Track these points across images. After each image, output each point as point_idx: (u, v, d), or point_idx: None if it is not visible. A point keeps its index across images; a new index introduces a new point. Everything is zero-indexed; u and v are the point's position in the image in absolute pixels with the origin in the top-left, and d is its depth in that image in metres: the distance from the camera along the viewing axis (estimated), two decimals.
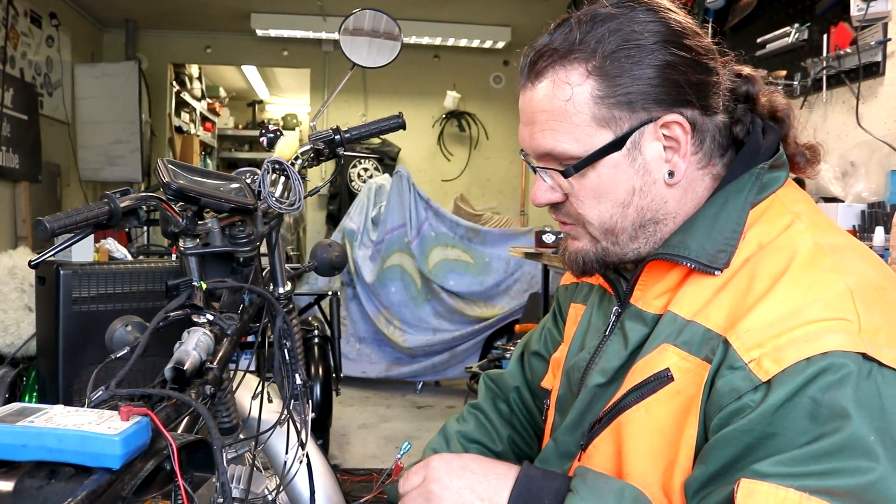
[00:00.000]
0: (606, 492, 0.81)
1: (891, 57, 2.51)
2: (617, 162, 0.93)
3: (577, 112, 0.92)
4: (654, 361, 0.90)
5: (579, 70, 0.92)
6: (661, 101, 0.91)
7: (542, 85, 0.95)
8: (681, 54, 0.91)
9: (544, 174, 0.98)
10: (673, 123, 0.92)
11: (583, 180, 0.95)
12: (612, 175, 0.93)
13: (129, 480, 0.81)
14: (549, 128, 0.94)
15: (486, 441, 1.26)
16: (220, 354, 1.23)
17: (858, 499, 0.70)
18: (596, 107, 0.91)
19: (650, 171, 0.94)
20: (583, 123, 0.92)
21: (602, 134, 0.92)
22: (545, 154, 0.96)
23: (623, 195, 0.94)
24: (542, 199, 1.00)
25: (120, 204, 1.15)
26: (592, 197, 0.95)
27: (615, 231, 0.97)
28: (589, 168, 0.93)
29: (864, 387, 0.74)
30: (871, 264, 0.87)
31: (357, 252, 5.07)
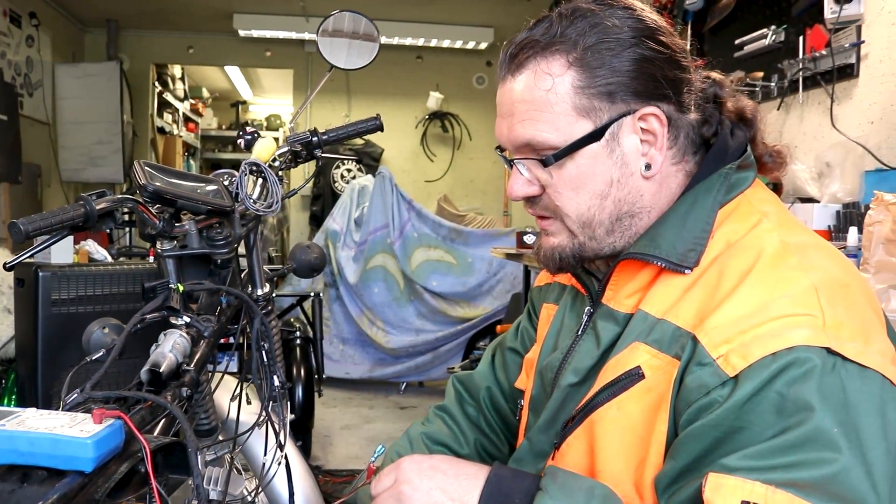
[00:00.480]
0: (576, 490, 0.82)
1: (864, 59, 2.53)
2: (596, 153, 0.94)
3: (558, 102, 0.93)
4: (625, 359, 0.91)
5: (560, 61, 0.93)
6: (639, 93, 0.94)
7: (522, 76, 0.96)
8: (657, 49, 0.94)
9: (522, 166, 0.99)
10: (650, 116, 0.94)
11: (561, 171, 0.95)
12: (590, 166, 0.94)
13: (103, 483, 0.81)
14: (528, 118, 0.95)
15: (451, 443, 1.26)
16: (197, 356, 1.23)
17: (822, 490, 0.71)
18: (577, 97, 0.93)
19: (627, 162, 0.95)
20: (563, 113, 0.93)
21: (582, 124, 0.93)
22: (524, 145, 0.96)
23: (601, 186, 0.95)
24: (519, 192, 1.00)
25: (96, 206, 1.15)
26: (571, 188, 0.96)
27: (592, 224, 0.97)
28: (568, 158, 0.94)
29: (828, 380, 0.76)
30: (836, 262, 0.89)
31: (340, 253, 5.07)
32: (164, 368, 1.12)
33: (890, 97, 2.41)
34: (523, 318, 1.31)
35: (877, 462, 0.74)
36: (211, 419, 1.51)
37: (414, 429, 1.29)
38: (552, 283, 1.23)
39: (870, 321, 0.84)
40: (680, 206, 0.96)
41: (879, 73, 2.46)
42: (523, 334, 1.29)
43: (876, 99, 2.48)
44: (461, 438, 1.26)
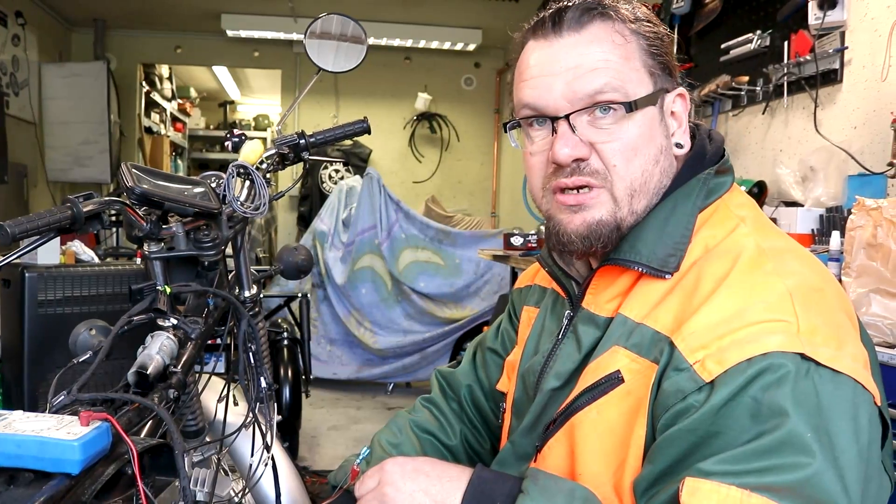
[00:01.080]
0: (556, 492, 0.83)
1: (848, 65, 2.56)
2: (654, 115, 0.97)
3: (632, 56, 0.96)
4: (605, 363, 0.92)
5: (627, 26, 0.96)
6: (671, 75, 0.99)
7: (591, 29, 0.96)
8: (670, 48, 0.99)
9: (575, 123, 0.95)
10: (679, 97, 1.00)
11: (622, 129, 0.94)
12: (649, 127, 0.96)
13: (89, 485, 0.82)
14: (603, 66, 0.93)
15: (438, 433, 1.26)
16: (184, 358, 1.24)
17: (797, 493, 0.73)
18: (645, 56, 0.96)
19: (669, 136, 0.99)
20: (635, 69, 0.95)
21: (646, 83, 0.96)
22: (591, 94, 0.94)
23: (654, 151, 0.96)
24: (572, 151, 0.94)
25: (83, 208, 1.15)
26: (630, 148, 0.95)
27: (640, 192, 0.96)
28: (629, 117, 0.94)
29: (802, 386, 0.77)
30: (811, 267, 0.90)
31: (328, 254, 5.07)
32: (151, 370, 1.12)
33: (873, 103, 2.43)
34: (504, 318, 1.31)
35: (848, 465, 0.76)
36: (198, 420, 1.51)
37: (401, 417, 1.29)
38: (533, 286, 1.24)
39: (843, 326, 0.86)
40: (660, 211, 0.97)
41: (863, 78, 2.49)
42: (503, 335, 1.29)
43: (859, 104, 2.51)
44: (448, 430, 1.27)
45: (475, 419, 1.29)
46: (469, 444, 1.28)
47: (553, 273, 1.10)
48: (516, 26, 1.03)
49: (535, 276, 1.25)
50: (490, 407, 1.28)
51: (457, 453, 1.26)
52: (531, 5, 5.05)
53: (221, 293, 1.39)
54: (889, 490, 0.92)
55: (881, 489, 0.89)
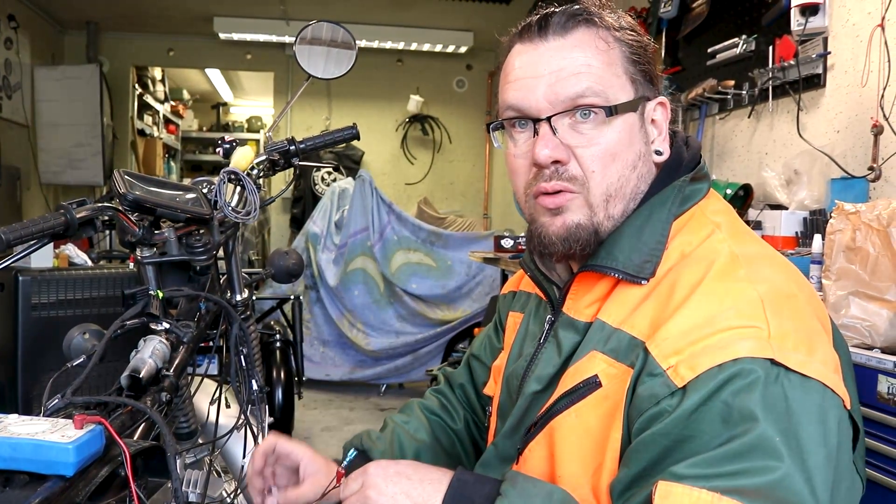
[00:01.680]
0: (535, 495, 0.85)
1: (831, 70, 2.59)
2: (633, 122, 0.99)
3: (614, 63, 0.98)
4: (583, 368, 0.94)
5: (610, 33, 0.99)
6: (652, 83, 1.01)
7: (576, 34, 0.98)
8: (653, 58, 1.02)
9: (557, 126, 0.97)
10: (660, 105, 1.02)
11: (600, 134, 0.96)
12: (627, 134, 0.98)
13: (83, 487, 0.84)
14: (585, 71, 0.95)
15: (445, 417, 1.31)
16: (176, 362, 1.26)
17: (766, 496, 0.74)
18: (626, 63, 0.98)
19: (649, 142, 1.01)
20: (616, 75, 0.97)
21: (627, 90, 0.98)
22: (570, 98, 0.95)
23: (633, 157, 0.98)
24: (551, 153, 0.96)
25: (76, 215, 1.17)
26: (608, 153, 0.96)
27: (616, 197, 0.97)
28: (608, 123, 0.96)
29: (771, 391, 0.79)
30: (784, 273, 0.92)
31: (320, 255, 5.09)
32: (144, 374, 1.14)
33: (855, 107, 2.47)
34: (490, 326, 1.34)
35: (816, 468, 0.78)
36: (190, 423, 1.53)
37: (413, 402, 1.35)
38: (518, 292, 1.26)
39: (814, 331, 0.88)
40: (636, 218, 0.99)
41: (845, 83, 2.53)
42: (486, 343, 1.33)
43: (841, 109, 2.54)
44: (454, 414, 1.32)
45: (470, 412, 1.34)
46: (471, 432, 1.33)
47: (535, 278, 1.12)
48: (506, 29, 1.05)
49: (520, 281, 1.28)
50: (480, 405, 1.32)
51: (461, 437, 1.30)
52: (522, 8, 5.08)
53: (213, 297, 1.41)
54: (861, 491, 0.95)
55: (852, 490, 0.92)
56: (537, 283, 1.12)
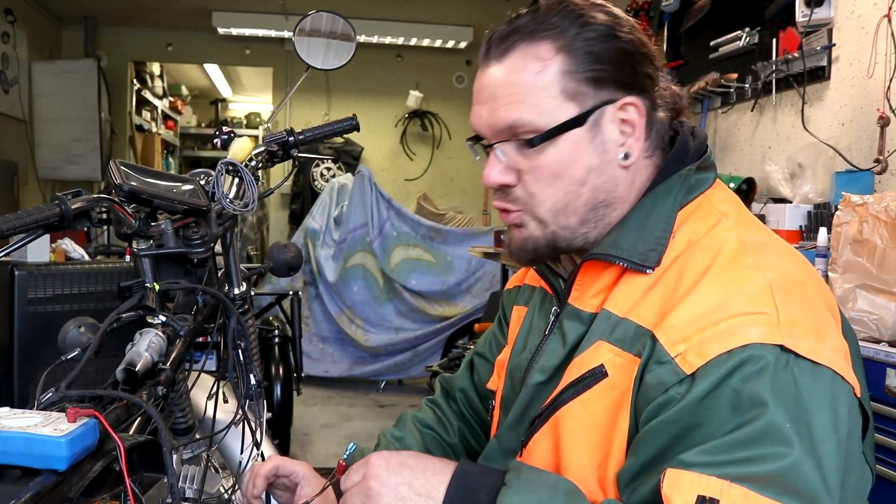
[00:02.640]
0: (541, 485, 0.83)
1: (835, 62, 2.58)
2: (578, 138, 0.96)
3: (546, 85, 0.95)
4: (589, 358, 0.93)
5: (549, 46, 0.95)
6: (621, 83, 0.96)
7: (510, 59, 0.97)
8: (635, 45, 0.97)
9: (500, 152, 0.99)
10: (630, 105, 0.97)
11: (542, 156, 0.96)
12: (572, 151, 0.96)
13: (77, 482, 0.82)
14: (514, 100, 0.95)
15: (440, 430, 1.29)
16: (172, 355, 1.24)
17: (776, 483, 0.74)
18: (565, 80, 0.95)
19: (607, 150, 0.97)
20: (550, 96, 0.95)
21: (567, 108, 0.95)
22: (506, 128, 0.97)
23: (580, 173, 0.96)
24: (495, 178, 0.99)
25: (71, 206, 1.15)
26: (551, 174, 0.96)
27: (567, 212, 0.98)
28: (550, 143, 0.95)
29: (781, 377, 0.78)
30: (792, 260, 0.92)
31: (319, 251, 5.07)
32: (140, 367, 1.12)
33: (860, 100, 2.45)
34: (494, 324, 1.34)
35: (827, 455, 0.77)
36: (188, 418, 1.51)
37: (407, 414, 1.33)
38: (522, 286, 1.25)
39: (823, 318, 0.87)
40: (641, 207, 0.98)
41: (850, 75, 2.51)
42: (491, 339, 1.31)
43: (846, 101, 2.52)
44: (448, 427, 1.30)
45: (472, 419, 1.32)
46: (468, 443, 1.30)
47: (540, 271, 1.11)
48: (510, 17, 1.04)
49: (524, 276, 1.26)
50: (484, 407, 1.30)
51: (457, 451, 1.28)
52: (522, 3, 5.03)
53: (210, 290, 1.39)
54: (870, 481, 0.94)
55: (861, 480, 0.91)
56: (543, 276, 1.11)
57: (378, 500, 0.86)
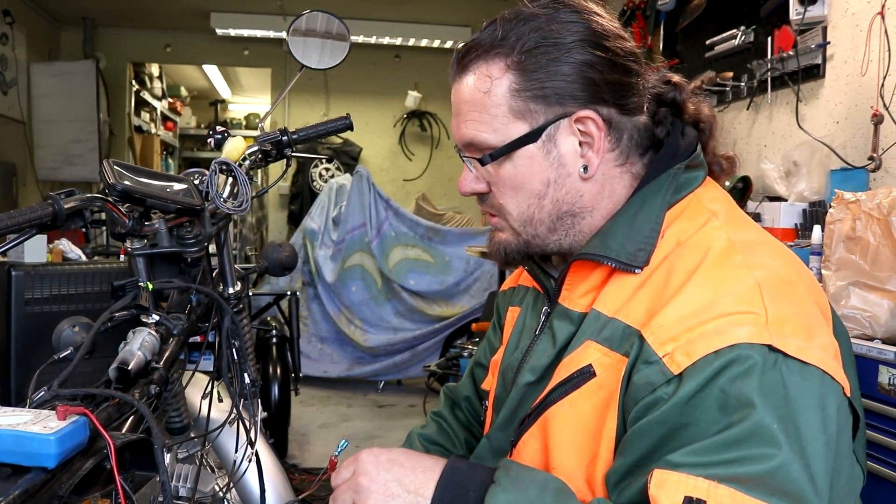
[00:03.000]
0: (529, 483, 0.83)
1: (830, 60, 2.58)
2: (532, 154, 0.97)
3: (496, 104, 0.96)
4: (578, 358, 0.93)
5: (500, 65, 0.97)
6: (576, 97, 0.95)
7: (467, 78, 1.00)
8: (598, 54, 0.95)
9: (469, 163, 1.03)
10: (587, 119, 0.96)
11: (500, 170, 0.99)
12: (527, 166, 0.98)
13: (67, 479, 0.82)
14: (471, 118, 0.98)
15: (446, 443, 1.29)
16: (166, 354, 1.24)
17: (763, 484, 0.73)
18: (513, 99, 0.96)
19: (565, 164, 0.98)
20: (500, 115, 0.96)
21: (518, 126, 0.96)
22: (468, 143, 1.00)
23: (538, 186, 0.98)
24: (466, 187, 1.04)
25: (64, 205, 1.15)
26: (510, 188, 1.00)
27: (533, 222, 1.01)
28: (506, 158, 0.98)
29: (769, 377, 0.78)
30: (782, 259, 0.91)
31: (318, 252, 5.07)
32: (133, 366, 1.12)
33: (854, 97, 2.45)
34: (489, 329, 1.35)
35: (815, 456, 0.76)
36: (182, 417, 1.51)
37: (413, 431, 1.34)
38: (517, 287, 1.25)
39: (813, 317, 0.86)
40: (629, 207, 0.98)
41: (844, 73, 2.51)
42: (486, 346, 1.33)
43: (841, 99, 2.53)
44: (454, 439, 1.30)
45: (475, 427, 1.32)
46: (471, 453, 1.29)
47: (532, 271, 1.11)
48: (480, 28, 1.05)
49: (519, 277, 1.27)
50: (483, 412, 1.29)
51: None
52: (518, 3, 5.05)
53: (204, 289, 1.39)
54: (861, 481, 0.93)
55: (852, 479, 0.90)
56: (534, 276, 1.11)
57: (367, 496, 0.86)
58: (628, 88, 0.98)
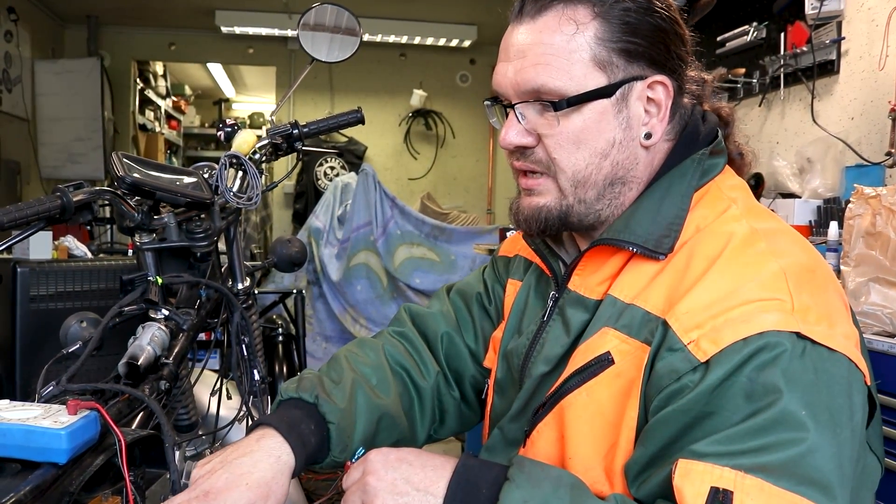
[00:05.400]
0: (543, 479, 0.81)
1: (845, 55, 2.55)
2: (604, 109, 0.93)
3: (578, 49, 0.92)
4: (595, 345, 0.91)
5: (586, 11, 0.92)
6: (653, 61, 0.94)
7: (544, 18, 0.93)
8: (672, 24, 0.95)
9: (524, 112, 0.96)
10: (659, 84, 0.94)
11: (566, 121, 0.93)
12: (596, 121, 0.93)
13: (77, 476, 0.80)
14: (543, 62, 0.92)
15: (413, 372, 1.19)
16: (175, 350, 1.22)
17: (791, 472, 0.72)
18: (597, 47, 0.92)
19: (631, 126, 0.95)
20: (580, 62, 0.92)
21: (596, 76, 0.92)
22: (532, 90, 0.94)
23: (603, 145, 0.94)
24: (513, 139, 0.96)
25: (73, 198, 1.14)
26: (572, 142, 0.94)
27: (586, 184, 0.95)
28: (575, 109, 0.93)
29: (797, 364, 0.76)
30: (802, 248, 0.90)
31: (323, 250, 5.05)
32: (142, 361, 1.11)
33: (870, 93, 2.42)
34: (488, 273, 1.27)
35: (843, 443, 0.76)
36: (191, 414, 1.49)
37: (370, 344, 1.22)
38: (515, 258, 1.21)
39: (834, 306, 0.85)
40: (654, 191, 0.96)
41: (859, 69, 2.48)
42: (491, 290, 1.24)
43: (856, 95, 2.50)
44: (422, 370, 1.21)
45: (447, 368, 1.23)
46: (439, 390, 1.22)
47: (539, 251, 1.08)
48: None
49: (517, 244, 1.22)
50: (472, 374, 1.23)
51: (424, 398, 1.19)
52: None
53: (214, 284, 1.38)
54: (879, 471, 0.93)
55: (867, 468, 0.89)
56: (541, 256, 1.07)
57: (375, 495, 0.84)
58: (685, 64, 0.98)
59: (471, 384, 1.23)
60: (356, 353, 1.18)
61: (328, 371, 1.13)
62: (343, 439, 1.03)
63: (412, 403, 1.18)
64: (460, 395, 1.24)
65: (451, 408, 1.23)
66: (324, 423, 1.01)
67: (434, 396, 1.21)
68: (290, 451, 0.94)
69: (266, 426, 0.97)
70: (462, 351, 1.23)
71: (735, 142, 1.06)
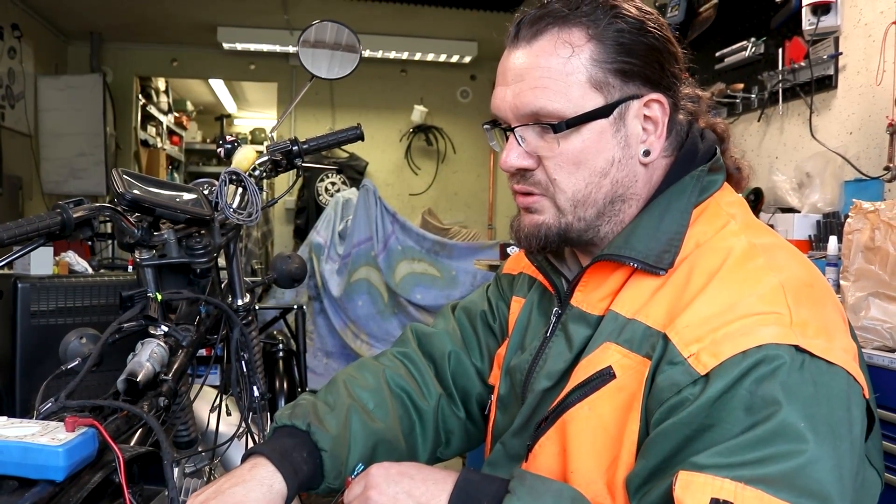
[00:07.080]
0: (544, 492, 0.82)
1: (842, 70, 2.56)
2: (603, 128, 0.94)
3: (575, 71, 0.93)
4: (596, 360, 0.92)
5: (581, 33, 0.94)
6: (648, 79, 0.95)
7: (540, 42, 0.95)
8: (663, 43, 0.96)
9: (523, 135, 0.97)
10: (655, 103, 0.96)
11: (566, 143, 0.94)
12: (595, 141, 0.94)
13: (75, 493, 0.80)
14: (541, 85, 0.94)
15: (414, 394, 1.19)
16: (175, 366, 1.22)
17: (791, 484, 0.72)
18: (593, 69, 0.93)
19: (630, 144, 0.96)
20: (577, 84, 0.93)
21: (593, 97, 0.94)
22: (531, 113, 0.95)
23: (602, 164, 0.95)
24: (514, 162, 0.97)
25: (73, 214, 1.14)
26: (572, 162, 0.95)
27: (586, 203, 0.97)
28: (574, 131, 0.94)
29: (796, 376, 0.77)
30: (800, 262, 0.91)
31: (324, 266, 5.05)
32: (141, 378, 1.11)
33: (868, 108, 2.43)
34: (492, 291, 1.27)
35: (843, 455, 0.76)
36: (190, 431, 1.49)
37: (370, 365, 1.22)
38: (521, 275, 1.22)
39: (832, 319, 0.86)
40: (654, 207, 0.97)
41: (857, 84, 2.49)
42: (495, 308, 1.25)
43: (854, 110, 2.51)
44: (424, 392, 1.20)
45: (453, 388, 1.23)
46: (442, 412, 1.21)
47: (541, 267, 1.09)
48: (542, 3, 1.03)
49: (520, 262, 1.23)
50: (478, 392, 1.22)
51: (426, 420, 1.19)
52: None
53: (214, 300, 1.38)
54: (879, 485, 0.93)
55: (867, 482, 0.90)
56: (543, 273, 1.09)
57: None
58: (679, 82, 0.99)
59: (477, 402, 1.23)
60: (354, 377, 1.18)
61: (325, 396, 1.14)
62: (337, 466, 1.03)
63: (413, 426, 1.18)
64: (466, 415, 1.24)
65: (456, 428, 1.23)
66: (316, 450, 1.02)
67: (436, 418, 1.21)
68: (282, 480, 0.95)
69: (259, 455, 0.97)
70: (469, 369, 1.23)
71: (731, 157, 1.07)
